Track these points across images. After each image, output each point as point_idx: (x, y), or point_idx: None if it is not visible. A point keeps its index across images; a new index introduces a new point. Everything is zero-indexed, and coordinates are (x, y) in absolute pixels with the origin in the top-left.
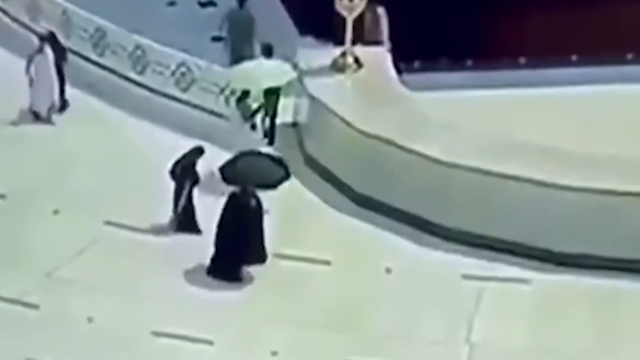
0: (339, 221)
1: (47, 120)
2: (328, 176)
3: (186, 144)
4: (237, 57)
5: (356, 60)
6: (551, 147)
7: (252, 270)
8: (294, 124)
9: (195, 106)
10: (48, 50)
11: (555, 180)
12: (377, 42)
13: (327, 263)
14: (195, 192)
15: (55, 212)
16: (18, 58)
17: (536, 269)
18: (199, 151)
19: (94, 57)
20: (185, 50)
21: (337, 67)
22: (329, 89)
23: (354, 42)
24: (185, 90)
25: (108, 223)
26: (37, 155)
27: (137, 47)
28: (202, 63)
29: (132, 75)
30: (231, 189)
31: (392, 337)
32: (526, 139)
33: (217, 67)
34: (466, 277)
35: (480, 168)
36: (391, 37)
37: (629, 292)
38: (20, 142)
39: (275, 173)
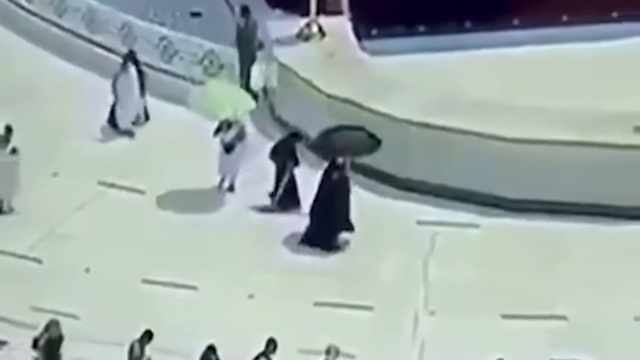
0: (307, 175)
1: (129, 133)
2: None
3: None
4: None
5: (320, 29)
6: (497, 102)
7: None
8: (265, 89)
9: (176, 75)
10: (131, 68)
11: (501, 133)
12: (339, 12)
13: (299, 213)
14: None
15: (55, 174)
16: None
17: (485, 214)
18: (298, 136)
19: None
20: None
21: (302, 36)
22: (296, 56)
23: (317, 13)
24: (167, 61)
25: (101, 183)
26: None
27: (125, 24)
28: (181, 36)
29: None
30: (324, 164)
31: (356, 279)
32: (474, 96)
33: (194, 39)
34: (421, 223)
35: (433, 124)
36: (351, 8)
37: (567, 232)
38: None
39: (368, 142)
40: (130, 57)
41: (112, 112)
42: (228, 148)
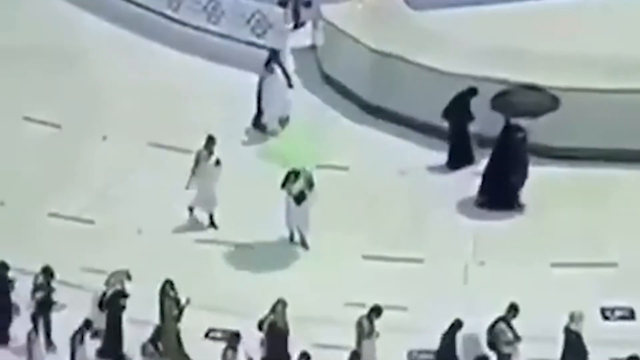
0: (353, 129)
1: (274, 133)
2: (343, 90)
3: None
4: None
5: None
6: (538, 52)
7: None
8: (313, 47)
9: (224, 36)
10: (278, 70)
11: (547, 83)
12: None
13: (345, 169)
14: None
15: (104, 138)
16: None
17: (534, 163)
18: (472, 91)
19: None
20: None
21: None
22: (342, 14)
23: None
24: (215, 22)
25: (151, 144)
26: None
27: None
28: None
29: (169, 12)
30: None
31: (406, 231)
32: (516, 47)
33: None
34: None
35: (474, 75)
36: None
37: (614, 179)
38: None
39: (544, 103)
40: (275, 57)
41: (258, 114)
42: (299, 199)
